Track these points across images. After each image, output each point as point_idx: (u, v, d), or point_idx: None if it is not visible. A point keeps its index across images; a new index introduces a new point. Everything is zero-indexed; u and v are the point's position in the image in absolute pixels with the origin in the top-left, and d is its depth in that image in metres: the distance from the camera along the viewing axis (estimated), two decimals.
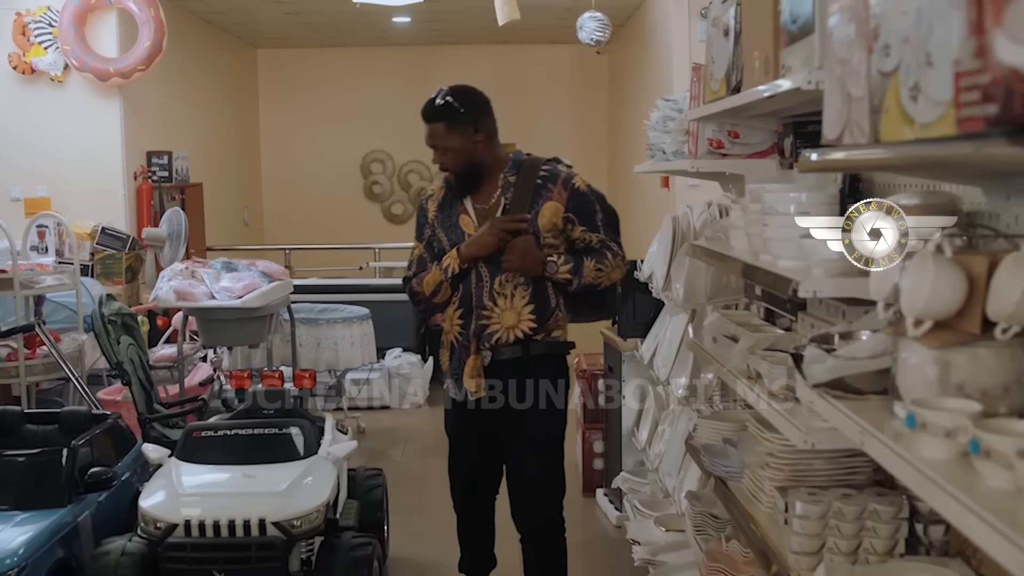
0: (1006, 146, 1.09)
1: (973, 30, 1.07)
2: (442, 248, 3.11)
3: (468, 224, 3.09)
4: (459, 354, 3.08)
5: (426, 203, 3.22)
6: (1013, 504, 1.21)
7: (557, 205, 3.04)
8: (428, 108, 3.07)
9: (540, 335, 3.05)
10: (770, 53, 2.20)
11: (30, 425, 3.84)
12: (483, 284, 3.05)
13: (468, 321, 3.06)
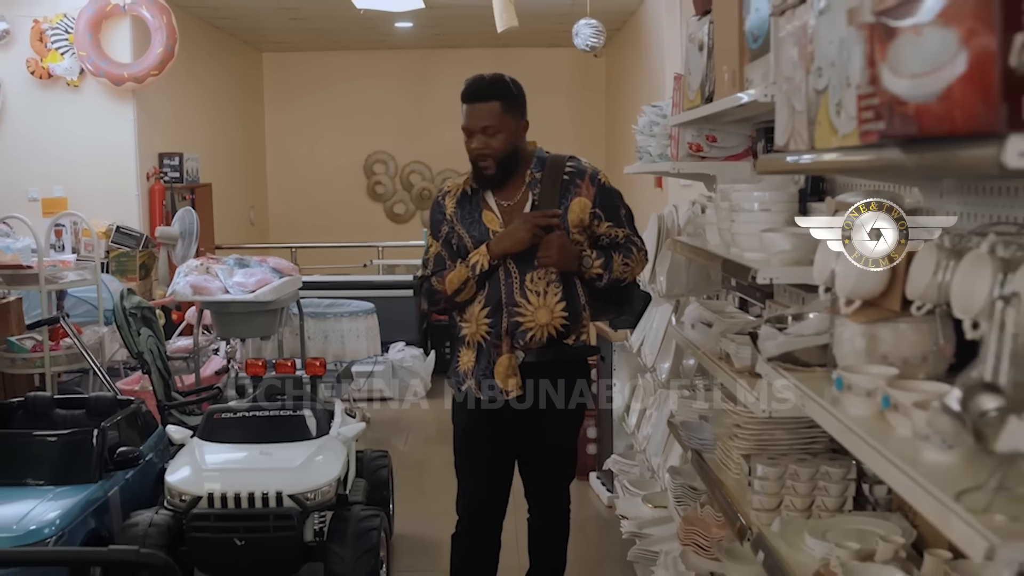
0: (899, 153, 1.36)
1: (868, 62, 1.34)
2: (463, 245, 3.01)
3: (493, 221, 2.99)
4: (488, 353, 2.99)
5: (443, 200, 3.08)
6: (911, 447, 1.48)
7: (585, 201, 2.99)
8: (481, 85, 2.95)
9: (572, 335, 3.01)
10: (736, 68, 2.47)
11: (59, 410, 4.10)
12: (512, 281, 2.97)
13: (498, 319, 2.96)
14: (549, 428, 3.07)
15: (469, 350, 3.04)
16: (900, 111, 1.25)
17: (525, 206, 3.00)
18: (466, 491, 3.18)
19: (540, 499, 3.23)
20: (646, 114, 3.80)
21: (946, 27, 1.12)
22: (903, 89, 1.23)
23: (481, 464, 3.13)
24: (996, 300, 1.26)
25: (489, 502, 3.15)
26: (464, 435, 3.13)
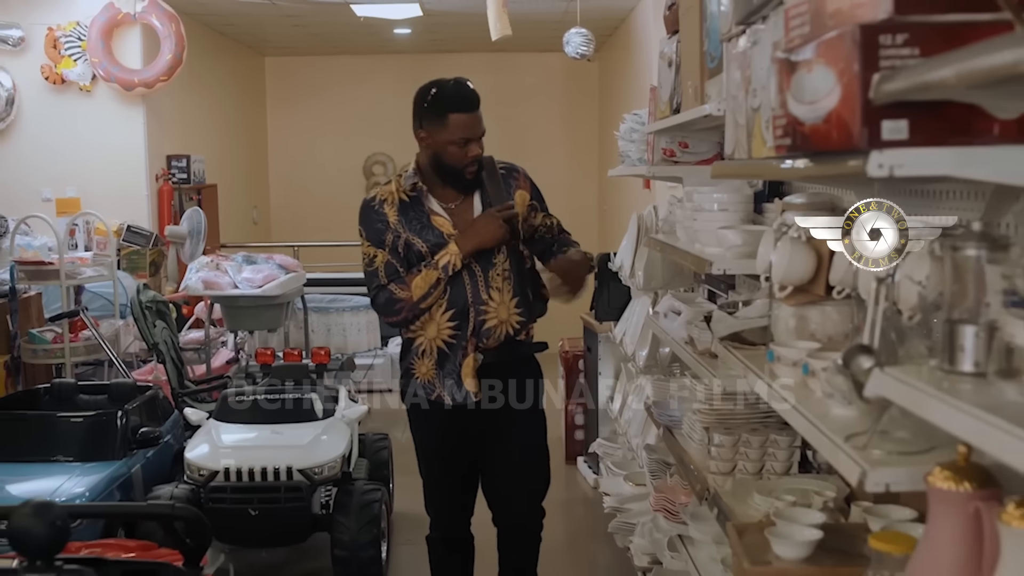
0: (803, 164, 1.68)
1: (779, 89, 1.66)
2: (414, 253, 2.98)
3: (444, 224, 3.00)
4: (453, 357, 3.01)
5: (380, 208, 3.03)
6: (823, 406, 1.79)
7: (524, 194, 3.12)
8: (470, 94, 2.99)
9: (524, 331, 3.07)
10: (698, 84, 2.78)
11: (82, 395, 4.42)
12: (478, 280, 3.00)
13: (464, 321, 2.98)
14: (514, 430, 3.08)
15: (427, 358, 3.02)
16: (800, 130, 1.57)
17: (471, 205, 3.04)
18: (433, 498, 3.22)
19: (513, 513, 3.21)
20: (627, 121, 4.13)
21: (827, 66, 1.44)
22: (801, 113, 1.54)
23: (447, 470, 3.16)
24: (874, 281, 1.57)
25: (458, 506, 3.21)
26: (430, 443, 3.16)
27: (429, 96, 3.00)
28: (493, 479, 3.18)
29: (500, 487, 3.18)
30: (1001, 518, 1.18)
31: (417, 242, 2.99)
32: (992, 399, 1.20)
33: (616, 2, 8.32)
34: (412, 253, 2.99)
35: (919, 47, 1.35)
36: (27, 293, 5.59)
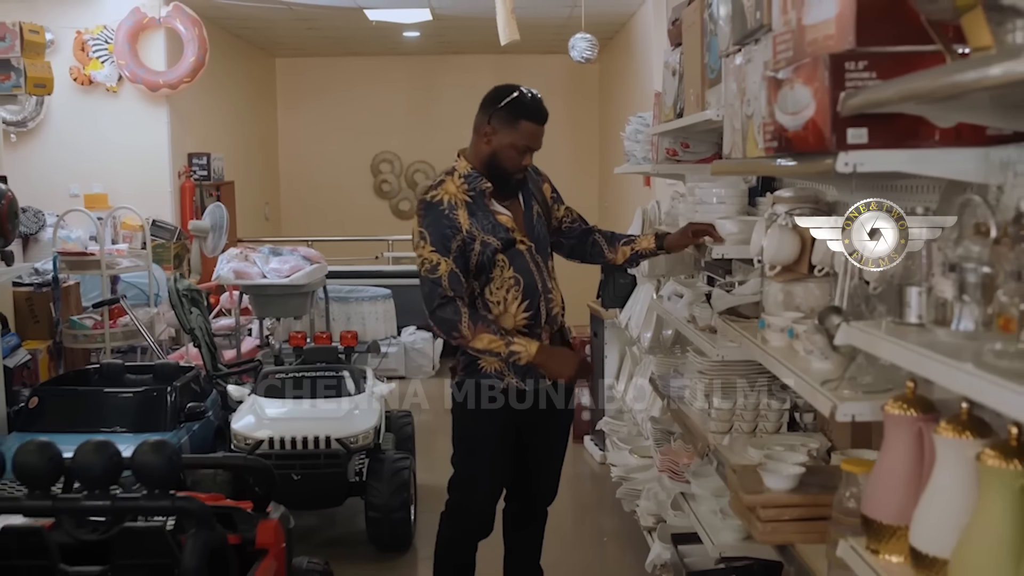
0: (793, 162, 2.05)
1: (768, 102, 2.03)
2: (490, 251, 3.05)
3: (507, 220, 3.10)
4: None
5: (452, 213, 3.04)
6: (805, 361, 2.17)
7: (548, 185, 3.35)
8: (546, 112, 3.12)
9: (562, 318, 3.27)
10: (699, 92, 3.16)
11: (129, 375, 4.79)
12: (542, 270, 3.16)
13: (536, 310, 3.11)
14: (561, 413, 3.27)
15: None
16: (784, 135, 1.95)
17: (520, 204, 3.17)
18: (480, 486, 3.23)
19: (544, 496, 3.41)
20: (632, 123, 4.50)
21: (805, 85, 1.82)
22: (785, 121, 1.92)
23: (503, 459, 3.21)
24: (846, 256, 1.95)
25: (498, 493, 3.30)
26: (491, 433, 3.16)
27: (509, 98, 3.05)
28: (532, 450, 3.29)
29: (534, 465, 3.31)
30: (936, 432, 1.55)
31: (492, 240, 3.05)
32: (928, 340, 1.57)
33: (618, 7, 8.69)
34: (488, 251, 3.04)
35: (876, 71, 1.73)
36: (67, 283, 5.95)
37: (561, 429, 3.38)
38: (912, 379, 1.68)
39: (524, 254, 3.11)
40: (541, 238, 3.20)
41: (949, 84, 1.35)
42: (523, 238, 3.13)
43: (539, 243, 3.18)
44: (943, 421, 1.54)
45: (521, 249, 3.11)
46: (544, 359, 3.01)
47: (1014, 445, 1.38)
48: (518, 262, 3.10)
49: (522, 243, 3.12)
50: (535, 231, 3.19)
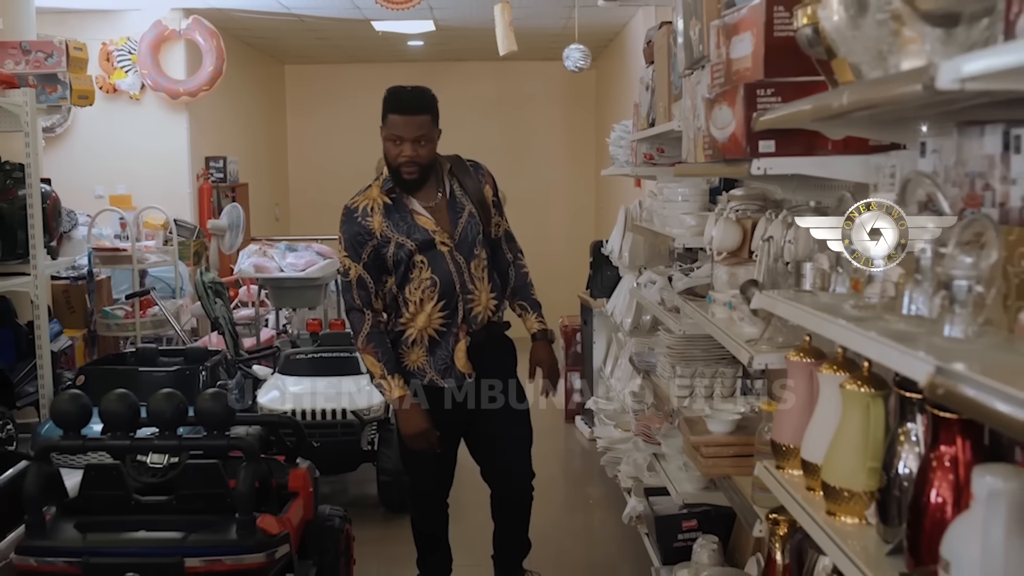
0: (724, 167, 2.56)
1: (706, 118, 2.54)
2: (405, 252, 3.17)
3: (427, 222, 3.21)
4: (444, 343, 3.23)
5: (364, 221, 3.21)
6: (739, 328, 2.67)
7: (490, 189, 3.37)
8: (415, 98, 3.19)
9: (498, 313, 3.35)
10: (667, 105, 3.66)
11: (162, 357, 5.30)
12: (463, 271, 3.23)
13: (453, 310, 3.22)
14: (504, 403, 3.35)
15: (417, 347, 3.25)
16: (716, 145, 2.45)
17: (446, 205, 3.25)
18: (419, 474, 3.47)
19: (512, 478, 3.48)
20: (616, 130, 5.02)
21: (729, 106, 2.33)
22: (716, 134, 2.43)
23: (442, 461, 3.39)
24: (761, 242, 2.46)
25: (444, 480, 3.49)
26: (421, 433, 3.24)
27: (384, 98, 3.28)
28: (482, 442, 3.43)
29: (490, 447, 3.42)
30: (820, 371, 2.06)
31: (407, 242, 3.17)
32: (815, 302, 2.07)
33: (611, 18, 9.19)
34: (402, 253, 3.17)
35: (781, 96, 2.23)
36: (99, 276, 6.46)
37: (506, 420, 3.37)
38: (808, 335, 2.18)
39: (444, 255, 3.20)
40: (467, 239, 3.24)
41: (819, 108, 1.86)
42: (444, 239, 3.20)
43: (464, 244, 3.23)
44: (824, 364, 2.05)
45: (442, 251, 3.19)
46: (398, 411, 3.22)
47: (866, 375, 1.88)
48: (437, 263, 3.18)
49: (444, 244, 3.20)
50: (460, 232, 3.24)
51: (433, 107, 3.22)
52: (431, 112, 3.19)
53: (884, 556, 1.72)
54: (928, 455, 1.62)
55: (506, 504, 3.55)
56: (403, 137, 3.13)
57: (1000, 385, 1.16)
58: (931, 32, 1.50)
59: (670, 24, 3.57)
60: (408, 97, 3.19)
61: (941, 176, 1.85)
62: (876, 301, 1.80)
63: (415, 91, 3.24)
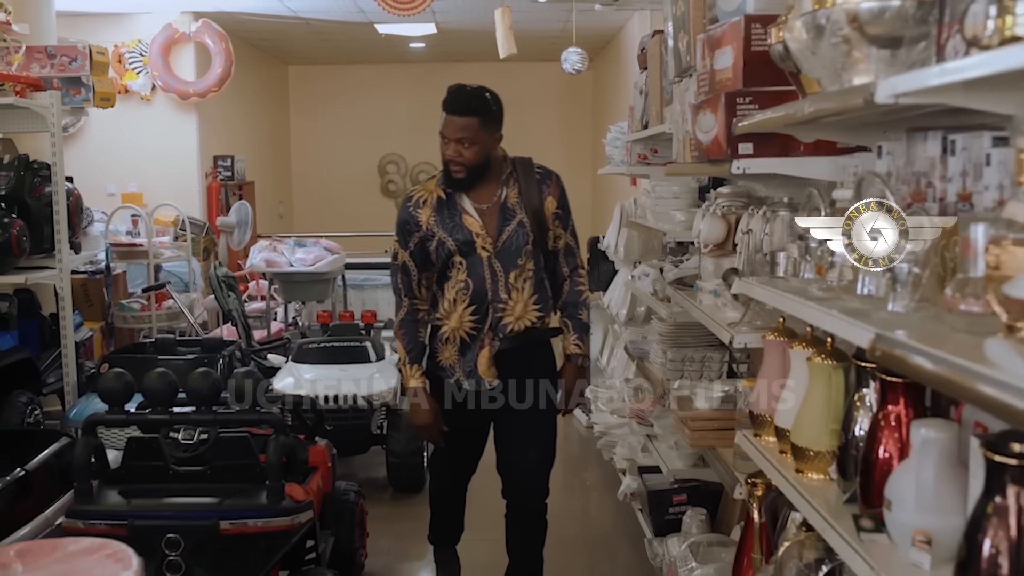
0: (709, 166, 2.83)
1: (692, 123, 2.81)
2: (444, 250, 3.16)
3: (473, 224, 3.16)
4: (472, 348, 3.19)
5: (415, 211, 3.20)
6: (723, 312, 2.94)
7: (553, 200, 3.26)
8: (463, 100, 3.11)
9: (540, 324, 3.24)
10: (659, 108, 3.93)
11: (180, 347, 5.56)
12: (498, 279, 3.15)
13: (483, 316, 3.15)
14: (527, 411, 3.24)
15: (450, 345, 3.21)
16: (701, 147, 2.72)
17: (499, 209, 3.18)
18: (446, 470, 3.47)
19: (524, 490, 3.38)
20: (612, 131, 5.28)
21: (712, 113, 2.59)
22: (701, 137, 2.70)
23: (458, 454, 3.38)
24: (741, 234, 2.72)
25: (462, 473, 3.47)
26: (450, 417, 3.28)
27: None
28: (501, 451, 3.37)
29: (515, 466, 3.34)
30: (791, 347, 2.32)
31: (448, 240, 3.14)
32: (789, 287, 2.34)
33: (607, 22, 9.46)
34: (443, 250, 3.16)
35: (758, 104, 2.50)
36: (115, 271, 6.72)
37: (527, 432, 3.31)
38: (782, 317, 2.45)
39: (482, 261, 3.15)
40: (511, 247, 3.17)
41: (788, 115, 2.13)
42: (486, 244, 3.16)
43: (506, 252, 3.17)
44: (796, 341, 2.32)
45: (481, 255, 3.15)
46: (409, 399, 3.30)
47: (830, 349, 2.15)
48: (473, 268, 3.14)
49: (484, 249, 3.16)
50: (504, 239, 3.18)
51: (483, 110, 3.11)
52: (480, 115, 3.09)
53: (842, 504, 1.99)
54: (877, 415, 1.88)
55: (517, 516, 3.44)
56: (447, 136, 3.11)
57: (922, 346, 1.43)
58: (877, 53, 1.77)
59: (662, 33, 3.84)
60: (458, 97, 3.12)
61: (894, 176, 2.12)
62: (835, 284, 2.06)
63: (468, 92, 3.15)
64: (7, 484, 2.96)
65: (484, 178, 3.18)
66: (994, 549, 1.36)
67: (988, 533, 1.37)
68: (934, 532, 1.62)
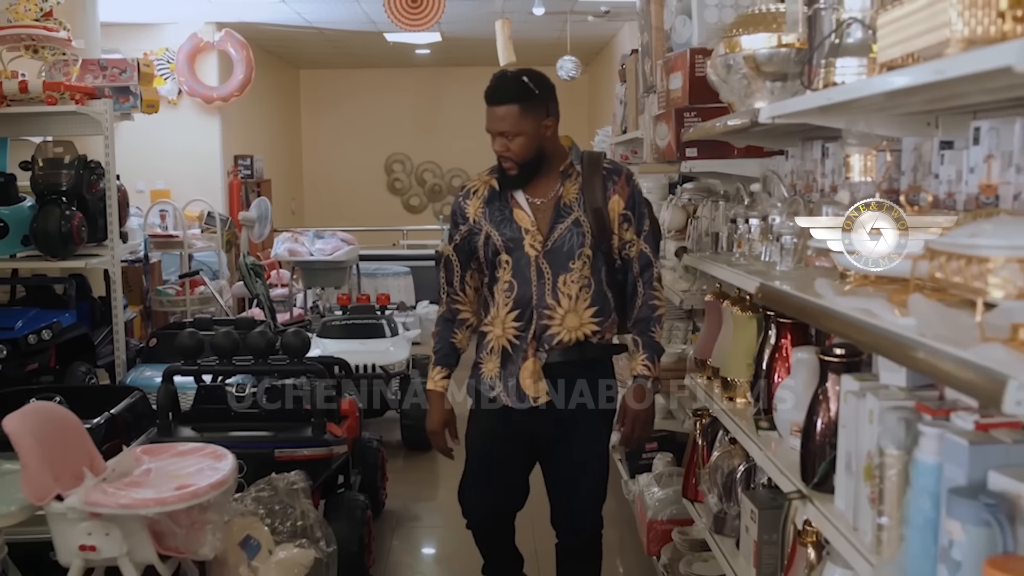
0: (666, 166, 3.53)
1: (653, 131, 3.52)
2: (491, 245, 2.86)
3: (524, 219, 2.83)
4: (514, 358, 2.84)
5: (465, 201, 2.92)
6: (679, 283, 3.64)
7: (620, 200, 2.86)
8: (499, 87, 2.77)
9: (597, 338, 2.88)
10: (634, 117, 4.63)
11: (216, 326, 6.25)
12: (545, 282, 2.81)
13: (527, 323, 2.82)
14: (577, 433, 2.89)
15: (493, 355, 2.88)
16: (659, 151, 3.43)
17: (555, 204, 2.84)
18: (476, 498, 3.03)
19: (573, 524, 3.00)
20: (599, 135, 5.99)
21: (666, 123, 3.30)
22: (659, 143, 3.40)
23: (492, 473, 2.98)
24: (693, 219, 3.42)
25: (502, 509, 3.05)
26: (482, 443, 2.97)
27: None
28: (548, 481, 3.02)
29: (562, 494, 2.99)
30: (724, 305, 3.02)
31: (495, 235, 2.85)
32: (717, 258, 3.04)
33: (600, 31, 10.15)
34: (490, 246, 2.87)
35: (701, 118, 3.20)
36: (152, 260, 7.43)
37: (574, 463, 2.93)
38: (719, 282, 3.15)
39: (530, 260, 2.82)
40: (563, 248, 2.82)
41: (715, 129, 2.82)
42: (535, 242, 2.82)
43: (556, 252, 2.82)
44: (727, 300, 3.02)
45: (529, 254, 2.82)
46: (428, 402, 3.01)
47: (748, 304, 2.85)
48: (519, 268, 2.83)
49: (532, 248, 2.83)
50: (556, 238, 2.83)
51: (524, 95, 2.75)
52: (520, 100, 2.74)
53: (752, 417, 2.69)
54: (774, 348, 2.58)
55: (566, 553, 3.08)
56: (490, 130, 2.80)
57: (783, 287, 2.13)
58: (770, 85, 2.47)
59: (638, 52, 4.54)
60: (495, 85, 2.79)
61: (795, 172, 2.82)
62: (748, 254, 2.77)
63: (506, 78, 2.81)
64: (100, 423, 3.64)
65: (541, 171, 2.84)
66: (823, 422, 2.07)
67: (819, 411, 2.08)
68: (804, 423, 2.32)
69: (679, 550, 3.57)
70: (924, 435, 1.57)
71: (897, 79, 1.53)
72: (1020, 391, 1.17)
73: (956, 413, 1.58)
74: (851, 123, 2.11)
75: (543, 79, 2.86)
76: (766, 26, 2.41)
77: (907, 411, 1.67)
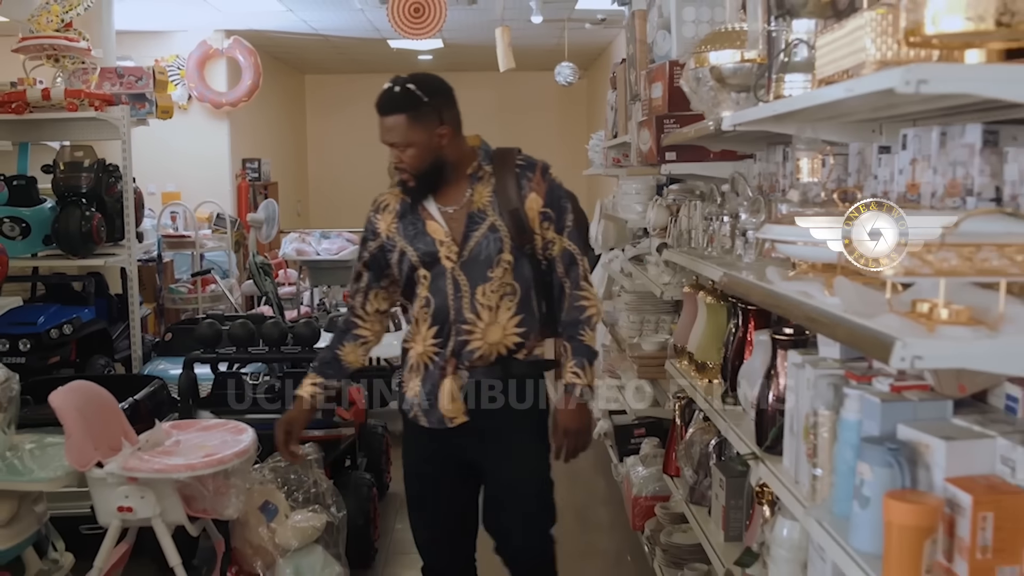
0: (649, 168, 3.82)
1: (637, 136, 3.81)
2: (408, 262, 2.68)
3: (437, 230, 2.65)
4: (434, 377, 2.68)
5: (376, 216, 2.77)
6: (661, 277, 3.92)
7: (537, 198, 2.71)
8: (385, 98, 2.60)
9: (522, 352, 2.70)
10: (624, 123, 4.92)
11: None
12: (462, 295, 2.64)
13: (446, 339, 2.65)
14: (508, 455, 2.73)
15: (414, 374, 2.74)
16: (642, 155, 3.72)
17: (470, 209, 2.67)
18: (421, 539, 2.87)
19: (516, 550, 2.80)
20: (593, 139, 6.28)
21: (648, 129, 3.59)
22: (642, 147, 3.69)
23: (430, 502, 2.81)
24: (674, 218, 3.71)
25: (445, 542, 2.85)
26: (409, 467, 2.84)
27: None
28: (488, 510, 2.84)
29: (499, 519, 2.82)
30: (698, 295, 3.31)
31: (410, 251, 2.68)
32: (693, 252, 3.32)
33: (597, 37, 10.45)
34: (406, 263, 2.70)
35: (679, 124, 3.49)
36: (165, 260, 7.73)
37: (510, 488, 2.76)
38: (696, 275, 3.44)
39: (446, 273, 2.65)
40: (479, 257, 2.66)
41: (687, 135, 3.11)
42: (450, 254, 2.66)
43: (472, 262, 2.66)
44: (700, 290, 3.31)
45: (445, 266, 2.65)
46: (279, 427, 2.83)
47: (719, 294, 3.13)
48: (436, 282, 2.66)
49: (448, 259, 2.66)
50: (471, 247, 2.66)
51: (409, 104, 2.59)
52: (406, 110, 2.59)
53: (720, 396, 2.97)
54: (740, 332, 2.87)
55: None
56: (383, 141, 2.67)
57: (740, 275, 2.42)
58: (734, 96, 2.76)
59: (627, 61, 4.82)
60: (382, 94, 2.64)
61: (761, 176, 3.11)
62: (720, 248, 3.06)
63: (393, 86, 2.64)
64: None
65: (447, 178, 2.69)
66: (773, 393, 2.36)
67: (771, 384, 2.37)
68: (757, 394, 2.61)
69: (661, 523, 3.86)
70: (848, 396, 1.85)
71: (824, 94, 1.83)
72: (904, 349, 1.46)
73: (876, 379, 1.87)
74: (800, 130, 2.40)
75: (436, 84, 2.69)
76: (731, 43, 2.70)
77: (837, 378, 1.96)
